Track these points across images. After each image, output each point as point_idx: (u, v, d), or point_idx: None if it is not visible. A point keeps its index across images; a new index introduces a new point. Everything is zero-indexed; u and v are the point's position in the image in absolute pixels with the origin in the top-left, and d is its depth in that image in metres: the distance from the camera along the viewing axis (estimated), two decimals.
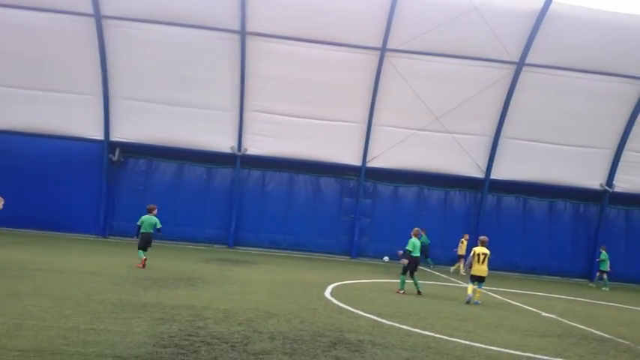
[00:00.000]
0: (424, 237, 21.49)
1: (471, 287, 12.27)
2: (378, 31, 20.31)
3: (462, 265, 20.84)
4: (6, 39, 20.27)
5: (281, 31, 20.36)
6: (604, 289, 19.75)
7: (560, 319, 10.94)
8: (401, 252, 12.90)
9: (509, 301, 13.58)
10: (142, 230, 14.06)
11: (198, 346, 6.06)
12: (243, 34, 20.34)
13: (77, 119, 21.63)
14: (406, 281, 12.82)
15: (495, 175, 22.90)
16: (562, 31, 20.00)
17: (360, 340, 7.11)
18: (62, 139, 21.74)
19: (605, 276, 20.30)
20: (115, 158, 22.44)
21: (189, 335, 6.55)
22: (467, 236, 21.25)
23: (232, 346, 6.23)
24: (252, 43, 20.67)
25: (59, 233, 21.47)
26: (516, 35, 20.31)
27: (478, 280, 12.30)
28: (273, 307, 9.04)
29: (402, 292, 12.74)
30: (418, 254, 12.77)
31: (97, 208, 22.33)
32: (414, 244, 12.72)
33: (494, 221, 23.61)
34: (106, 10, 19.93)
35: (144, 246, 13.79)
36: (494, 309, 11.74)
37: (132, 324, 6.88)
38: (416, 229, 13.26)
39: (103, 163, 22.23)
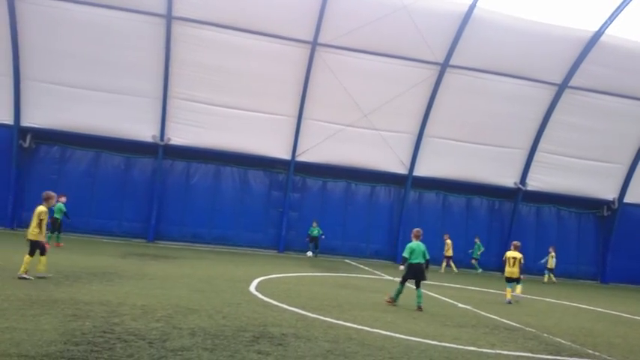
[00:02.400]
0: (317, 229, 22.17)
1: (509, 291, 13.36)
2: (309, 25, 20.34)
3: (444, 265, 22.29)
4: None
5: (210, 17, 19.84)
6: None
7: (475, 310, 11.50)
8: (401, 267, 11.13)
9: (428, 292, 14.06)
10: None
11: (114, 343, 5.75)
12: (169, 18, 19.60)
13: None
14: (403, 291, 11.04)
15: (418, 171, 23.75)
16: (484, 35, 21.02)
17: (283, 334, 7.07)
18: None
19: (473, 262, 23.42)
20: (26, 145, 20.96)
21: (104, 332, 6.20)
22: (447, 236, 22.55)
23: (150, 342, 5.97)
24: (178, 29, 19.98)
25: None
26: (442, 37, 21.10)
27: (511, 280, 13.48)
28: (194, 303, 8.79)
29: (391, 301, 10.89)
30: (419, 260, 10.66)
31: (4, 197, 20.80)
32: (412, 248, 10.68)
33: (416, 216, 24.47)
34: None
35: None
36: (414, 301, 12.12)
37: (41, 321, 6.41)
38: (416, 230, 11.12)
39: (12, 150, 20.69)
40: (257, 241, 23.08)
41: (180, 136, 21.62)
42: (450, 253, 22.40)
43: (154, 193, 22.02)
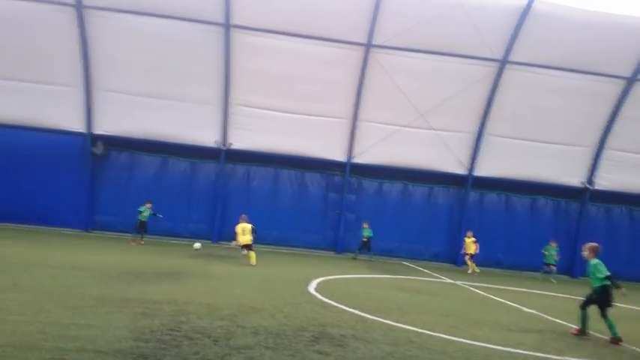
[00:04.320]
0: (368, 230, 21.55)
1: None
2: (363, 27, 20.30)
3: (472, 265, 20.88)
4: None
5: (266, 24, 20.22)
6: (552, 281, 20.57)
7: (541, 314, 11.10)
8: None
9: (491, 296, 13.73)
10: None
11: (181, 341, 6.03)
12: (227, 26, 20.17)
13: (59, 111, 21.30)
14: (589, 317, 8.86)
15: (478, 172, 23.13)
16: (544, 29, 20.18)
17: (342, 335, 7.14)
18: (44, 132, 21.36)
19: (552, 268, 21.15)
20: (98, 151, 22.14)
21: (172, 330, 6.51)
22: (469, 233, 21.38)
23: (215, 340, 6.21)
24: (236, 37, 20.51)
25: (41, 227, 21.13)
26: (500, 33, 20.46)
27: None
28: (256, 302, 9.03)
29: (578, 332, 8.86)
30: (606, 282, 8.65)
31: (79, 201, 22.03)
32: (599, 268, 8.73)
33: (477, 218, 23.87)
34: (88, 0, 19.61)
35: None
36: (477, 304, 11.87)
37: (113, 318, 6.82)
38: (591, 244, 9.24)
39: (85, 157, 21.93)
40: (315, 242, 23.30)
41: (240, 140, 22.22)
42: (470, 251, 20.98)
43: (218, 196, 22.74)
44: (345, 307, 9.34)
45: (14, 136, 21.24)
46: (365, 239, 21.64)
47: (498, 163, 23.00)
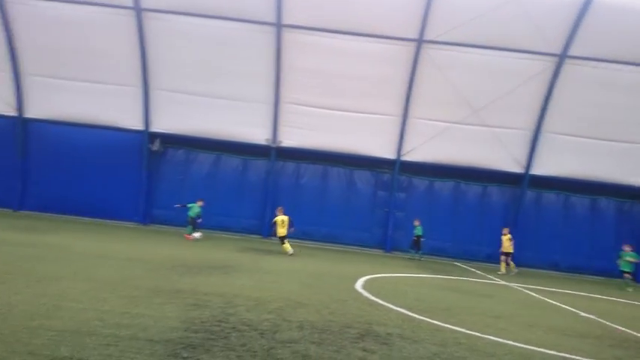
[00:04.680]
0: (418, 227, 21.02)
1: None
2: (414, 23, 20.02)
3: (510, 264, 19.64)
4: (50, 32, 21.01)
5: (316, 23, 20.33)
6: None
7: (600, 320, 10.58)
8: None
9: (546, 299, 13.22)
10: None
11: (228, 332, 6.16)
12: (279, 26, 20.41)
13: (119, 110, 22.30)
14: None
15: (535, 170, 22.30)
16: (606, 21, 19.20)
17: (388, 333, 7.07)
18: (105, 129, 22.46)
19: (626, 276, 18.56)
20: (155, 148, 23.00)
21: (220, 321, 6.67)
22: (505, 230, 20.04)
23: (261, 333, 6.31)
24: (287, 36, 20.73)
25: (102, 220, 22.25)
26: (558, 26, 19.64)
27: None
28: (303, 297, 9.10)
29: None
30: None
31: (137, 196, 23.02)
32: None
33: (534, 218, 23.07)
34: (145, 3, 20.37)
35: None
36: (530, 307, 11.46)
37: (165, 309, 7.06)
38: None
39: (143, 153, 22.82)
40: (363, 240, 23.22)
41: (290, 138, 22.46)
42: (509, 249, 19.61)
43: (268, 192, 23.10)
44: (392, 306, 9.25)
45: (77, 133, 22.46)
46: (415, 238, 21.29)
47: (557, 161, 22.11)
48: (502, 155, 22.20)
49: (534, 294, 14.13)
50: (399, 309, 9.04)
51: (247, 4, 20.28)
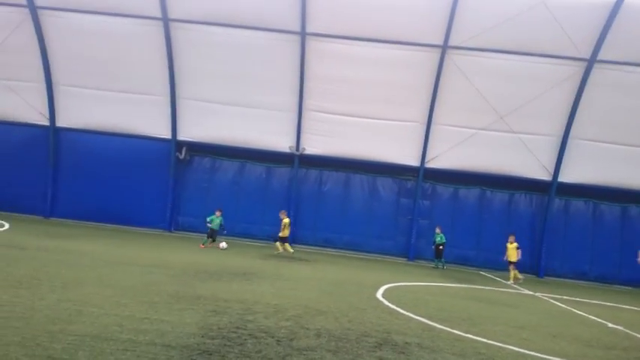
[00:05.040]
0: (440, 235, 20.65)
1: None
2: (439, 29, 19.90)
3: (514, 273, 18.71)
4: (80, 43, 21.62)
5: (340, 30, 20.41)
6: None
7: (627, 331, 10.25)
8: None
9: (572, 309, 12.89)
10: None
11: (245, 339, 6.20)
12: (303, 35, 20.57)
13: (147, 119, 22.77)
14: None
15: (563, 177, 21.81)
16: (636, 24, 18.70)
17: (407, 343, 7.00)
18: (133, 138, 22.96)
19: None
20: (182, 156, 23.39)
21: (238, 328, 6.72)
22: (512, 238, 19.15)
23: (278, 340, 6.33)
24: (311, 44, 20.88)
25: (129, 227, 22.69)
26: (587, 30, 19.24)
27: None
28: (322, 305, 9.09)
29: None
30: None
31: (164, 203, 23.40)
32: None
33: (562, 226, 22.55)
34: (173, 13, 20.79)
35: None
36: (556, 318, 11.19)
37: (184, 315, 7.15)
38: None
39: (170, 161, 23.23)
40: (386, 248, 23.06)
41: (313, 146, 22.54)
42: (512, 258, 18.69)
43: (291, 199, 23.20)
44: (412, 315, 9.16)
45: (107, 142, 23.02)
46: (436, 245, 20.87)
47: (586, 168, 21.59)
48: (529, 162, 21.79)
49: (560, 304, 13.79)
50: (419, 318, 8.95)
51: (272, 14, 20.50)
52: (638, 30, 18.94)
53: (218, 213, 19.44)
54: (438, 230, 21.01)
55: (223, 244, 18.55)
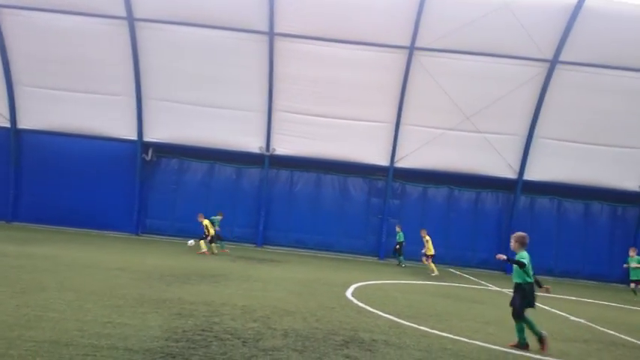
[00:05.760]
0: (400, 234, 20.89)
1: None
2: (406, 30, 20.13)
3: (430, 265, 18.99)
4: (42, 42, 21.05)
5: (308, 31, 20.42)
6: None
7: (589, 323, 10.56)
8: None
9: (538, 305, 13.16)
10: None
11: (210, 341, 6.12)
12: (271, 35, 20.49)
13: (112, 120, 22.31)
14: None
15: (528, 175, 22.34)
16: (597, 27, 19.36)
17: (374, 340, 7.04)
18: (97, 139, 22.45)
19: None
20: (148, 158, 23.01)
21: (203, 330, 6.63)
22: (424, 232, 19.39)
23: (244, 341, 6.27)
24: (280, 44, 20.81)
25: (94, 231, 22.16)
26: (549, 32, 19.78)
27: None
28: (290, 305, 9.06)
29: (518, 345, 7.44)
30: (530, 280, 7.69)
31: (130, 206, 22.96)
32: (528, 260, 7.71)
33: (528, 223, 22.94)
34: (138, 12, 20.42)
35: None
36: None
37: (149, 318, 7.01)
38: (518, 234, 8.15)
39: (136, 163, 22.80)
40: (357, 247, 23.18)
41: (284, 146, 22.49)
42: (429, 252, 19.03)
43: (262, 200, 23.09)
44: (380, 313, 9.22)
45: (69, 143, 22.45)
46: (397, 244, 21.11)
47: (550, 166, 22.17)
48: (495, 161, 22.24)
49: None
50: (387, 315, 9.01)
51: (240, 14, 20.35)
52: (597, 32, 19.56)
53: (219, 217, 19.77)
54: (397, 229, 21.18)
55: (191, 242, 18.33)
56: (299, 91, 21.55)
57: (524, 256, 7.72)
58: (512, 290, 7.89)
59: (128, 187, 22.88)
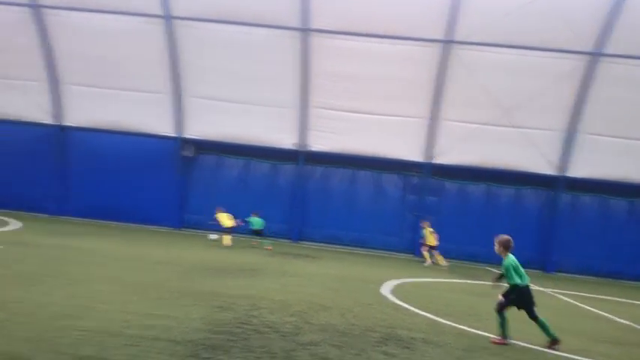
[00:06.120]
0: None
1: None
2: (442, 24, 19.79)
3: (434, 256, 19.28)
4: (85, 41, 21.62)
5: (343, 27, 20.32)
6: None
7: (636, 326, 10.21)
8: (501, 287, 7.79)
9: (580, 305, 12.84)
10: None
11: (250, 334, 6.25)
12: (306, 31, 20.53)
13: (152, 117, 22.79)
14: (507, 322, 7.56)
15: (571, 172, 21.65)
16: None
17: (412, 338, 7.02)
18: (139, 136, 23.01)
19: None
20: (188, 154, 23.47)
21: (243, 323, 6.77)
22: (426, 223, 19.60)
23: (282, 335, 6.37)
24: (314, 40, 20.82)
25: (137, 225, 22.82)
26: (591, 24, 19.03)
27: None
28: (327, 301, 9.12)
29: (503, 340, 7.39)
30: (524, 282, 7.57)
31: (171, 201, 23.49)
32: (513, 264, 7.54)
33: (570, 221, 22.35)
34: (175, 11, 20.81)
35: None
36: (563, 313, 11.15)
37: (191, 310, 7.21)
38: (502, 237, 7.88)
39: (176, 159, 23.31)
40: (393, 244, 23.04)
41: (318, 142, 22.53)
42: (431, 242, 19.23)
43: (297, 196, 23.23)
44: (417, 310, 9.18)
45: (112, 140, 23.10)
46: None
47: (593, 162, 21.39)
48: (535, 157, 21.64)
49: (569, 299, 13.73)
50: (424, 313, 8.96)
51: (274, 11, 20.45)
52: None
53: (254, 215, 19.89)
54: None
55: (213, 236, 18.85)
56: (333, 87, 21.52)
57: (510, 260, 7.58)
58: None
59: (169, 183, 23.43)
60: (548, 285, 16.88)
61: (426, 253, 19.50)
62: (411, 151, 22.14)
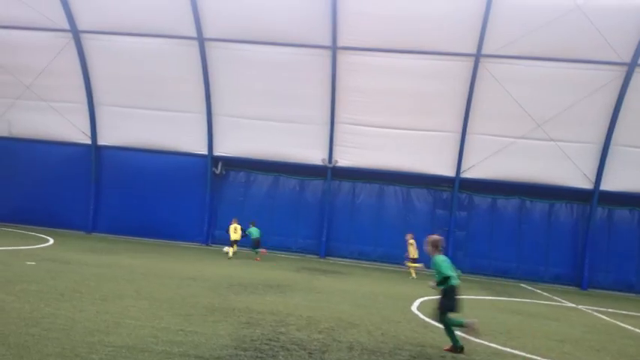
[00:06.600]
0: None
1: None
2: (471, 37, 19.68)
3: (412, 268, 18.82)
4: (120, 64, 22.40)
5: (371, 43, 20.43)
6: None
7: None
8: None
9: (618, 323, 12.36)
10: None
11: (277, 351, 6.23)
12: (334, 49, 20.71)
13: (184, 135, 23.31)
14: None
15: (606, 186, 21.04)
16: None
17: (442, 357, 6.89)
18: (171, 154, 23.53)
19: None
20: (218, 171, 23.82)
21: (270, 340, 6.76)
22: (410, 236, 19.16)
23: (310, 353, 6.33)
24: (342, 57, 20.99)
25: (167, 241, 23.18)
26: (626, 34, 18.66)
27: None
28: (355, 318, 9.04)
29: (454, 348, 7.19)
30: (451, 283, 7.27)
31: (201, 218, 23.83)
32: (443, 264, 7.37)
33: (606, 236, 21.71)
34: (207, 33, 21.31)
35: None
36: (600, 331, 10.75)
37: (218, 327, 7.25)
38: (433, 237, 7.80)
39: (207, 176, 23.67)
40: (422, 260, 22.58)
41: (346, 158, 22.56)
42: (413, 255, 18.81)
43: (324, 212, 23.23)
44: None
45: (145, 158, 23.70)
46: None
47: (629, 176, 20.81)
48: (569, 170, 21.14)
49: (605, 317, 13.24)
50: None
51: (304, 30, 20.71)
52: None
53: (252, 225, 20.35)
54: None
55: (227, 249, 19.50)
56: (361, 103, 21.58)
57: (440, 259, 7.45)
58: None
59: (199, 200, 23.80)
60: (586, 302, 16.33)
61: (412, 267, 18.96)
62: (440, 166, 21.93)
